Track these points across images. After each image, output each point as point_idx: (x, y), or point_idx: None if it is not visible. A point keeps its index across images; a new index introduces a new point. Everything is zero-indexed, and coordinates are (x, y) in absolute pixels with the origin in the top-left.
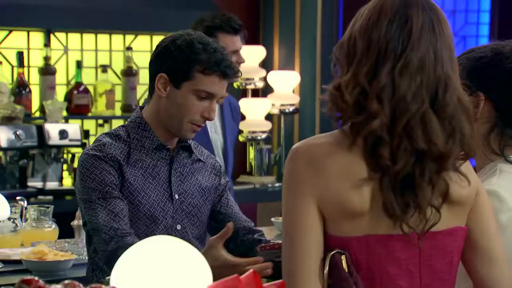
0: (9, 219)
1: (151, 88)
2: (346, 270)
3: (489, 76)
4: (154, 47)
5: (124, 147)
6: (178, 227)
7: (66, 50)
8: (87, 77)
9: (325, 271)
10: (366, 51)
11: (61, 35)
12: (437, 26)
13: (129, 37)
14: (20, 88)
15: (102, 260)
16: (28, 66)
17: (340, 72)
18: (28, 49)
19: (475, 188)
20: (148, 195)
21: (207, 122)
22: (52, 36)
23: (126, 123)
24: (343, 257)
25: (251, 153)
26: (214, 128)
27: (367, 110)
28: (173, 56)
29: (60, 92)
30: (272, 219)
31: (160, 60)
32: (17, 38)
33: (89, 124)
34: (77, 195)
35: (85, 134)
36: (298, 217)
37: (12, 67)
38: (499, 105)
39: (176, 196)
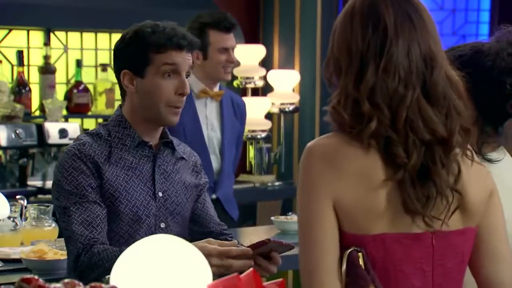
0: (9, 218)
1: (121, 89)
2: (363, 268)
3: (470, 75)
4: None
5: (105, 146)
6: (162, 225)
7: (66, 49)
8: (87, 76)
9: (342, 269)
10: (349, 62)
11: (61, 34)
12: (412, 12)
13: None
14: (20, 87)
15: (75, 271)
16: (28, 65)
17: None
18: (28, 48)
19: (489, 189)
20: (130, 194)
21: (203, 120)
22: (52, 35)
23: (107, 122)
24: (360, 254)
25: (251, 152)
26: (211, 126)
27: (364, 115)
28: (127, 50)
29: (60, 91)
30: (272, 218)
31: (117, 59)
32: (17, 37)
33: (89, 123)
34: (54, 201)
35: None
36: (314, 216)
37: (12, 66)
38: (479, 103)
39: (160, 194)
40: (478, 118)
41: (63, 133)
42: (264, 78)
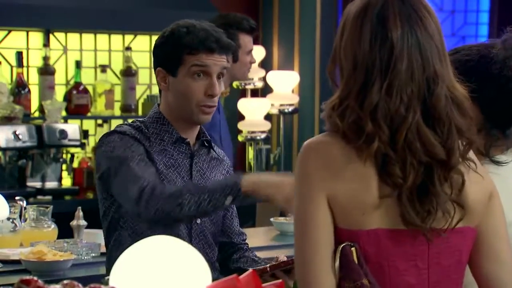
0: (8, 219)
1: (159, 86)
2: (356, 262)
3: (476, 80)
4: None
5: (144, 139)
6: (198, 220)
7: (65, 50)
8: (86, 77)
9: (336, 264)
10: (353, 71)
11: (60, 35)
12: (418, 28)
13: (128, 37)
14: (19, 88)
15: (145, 219)
16: (27, 66)
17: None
18: (27, 49)
19: (489, 190)
20: (171, 180)
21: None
22: (51, 36)
23: (144, 119)
24: (353, 249)
25: (250, 153)
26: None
27: (364, 132)
28: (162, 48)
29: (59, 92)
30: (271, 219)
31: (154, 57)
32: (16, 38)
33: (88, 124)
34: (99, 181)
35: (84, 134)
36: (309, 211)
37: (11, 67)
38: (487, 108)
39: None
40: (485, 121)
41: (62, 134)
42: (264, 79)
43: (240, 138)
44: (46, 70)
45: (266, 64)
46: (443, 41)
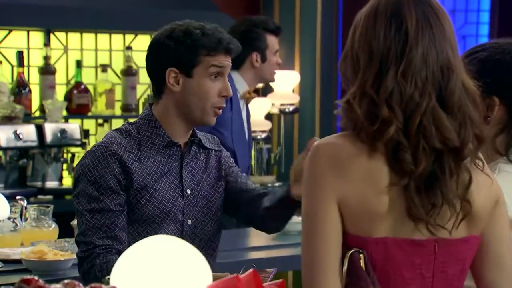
0: (9, 218)
1: (160, 87)
2: (364, 269)
3: (505, 80)
4: None
5: (134, 143)
6: (189, 222)
7: (66, 49)
8: (87, 77)
9: (344, 269)
10: (369, 62)
11: (61, 35)
12: (432, 19)
13: (129, 37)
14: (20, 88)
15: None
16: (28, 66)
17: (349, 85)
18: (28, 48)
19: (494, 198)
20: (158, 191)
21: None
22: (52, 36)
23: (136, 120)
24: (361, 256)
25: (251, 152)
26: (245, 126)
27: (380, 118)
28: (175, 49)
29: (60, 92)
30: None
31: (163, 57)
32: (17, 38)
33: (89, 124)
34: (73, 193)
35: (85, 133)
36: (319, 214)
37: (12, 66)
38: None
39: (188, 191)
40: (508, 124)
41: (63, 133)
42: None
43: None
44: (47, 70)
45: None
46: (454, 33)
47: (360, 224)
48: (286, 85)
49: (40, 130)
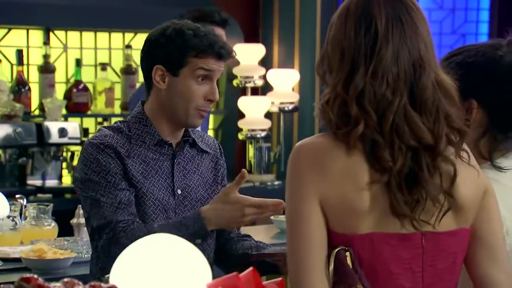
0: (8, 217)
1: (149, 84)
2: (351, 267)
3: (482, 83)
4: None
5: (125, 140)
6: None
7: (65, 48)
8: (87, 75)
9: (330, 268)
10: (341, 62)
11: (60, 33)
12: (403, 16)
13: (129, 35)
14: (20, 86)
15: (105, 257)
16: (28, 64)
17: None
18: (28, 47)
19: (482, 189)
20: (149, 190)
21: None
22: (51, 34)
23: (128, 118)
24: (347, 253)
25: (251, 151)
26: None
27: (351, 117)
28: (165, 47)
29: (60, 90)
30: (272, 217)
31: (152, 53)
32: (17, 36)
33: (89, 122)
34: (79, 192)
35: (85, 132)
36: (301, 214)
37: (12, 65)
38: (493, 112)
39: (179, 191)
40: (490, 127)
41: (62, 132)
42: (264, 77)
43: (240, 136)
44: (46, 68)
45: (266, 62)
46: (429, 30)
47: (344, 222)
48: (286, 83)
49: (39, 129)
